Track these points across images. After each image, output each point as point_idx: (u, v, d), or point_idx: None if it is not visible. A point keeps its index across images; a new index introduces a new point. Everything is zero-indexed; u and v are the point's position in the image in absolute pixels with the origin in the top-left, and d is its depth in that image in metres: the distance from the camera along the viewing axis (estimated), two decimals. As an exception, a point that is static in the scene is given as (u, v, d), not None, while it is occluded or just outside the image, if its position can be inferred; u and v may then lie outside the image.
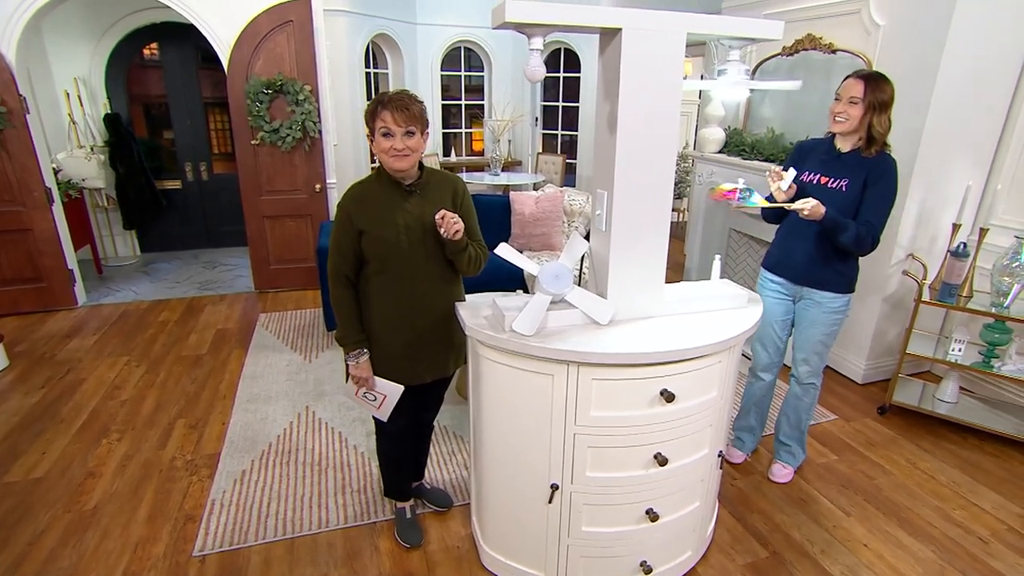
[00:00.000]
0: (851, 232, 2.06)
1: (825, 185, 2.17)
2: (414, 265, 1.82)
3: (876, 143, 2.08)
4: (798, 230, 2.25)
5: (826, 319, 2.27)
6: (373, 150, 1.77)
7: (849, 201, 2.11)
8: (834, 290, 2.23)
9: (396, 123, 1.68)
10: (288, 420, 2.94)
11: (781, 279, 2.35)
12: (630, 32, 1.57)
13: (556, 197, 4.29)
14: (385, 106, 1.69)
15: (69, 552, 2.10)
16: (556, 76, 7.26)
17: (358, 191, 1.83)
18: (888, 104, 2.05)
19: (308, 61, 4.30)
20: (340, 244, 1.81)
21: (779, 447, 2.59)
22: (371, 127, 1.74)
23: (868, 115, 2.04)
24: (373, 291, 1.85)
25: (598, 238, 1.85)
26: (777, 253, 2.37)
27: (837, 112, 2.10)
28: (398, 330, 1.88)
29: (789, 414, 2.50)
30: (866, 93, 2.02)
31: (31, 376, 3.36)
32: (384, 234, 1.78)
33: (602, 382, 1.64)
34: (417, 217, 1.81)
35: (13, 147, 3.92)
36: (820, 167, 2.21)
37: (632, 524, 1.83)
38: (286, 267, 4.78)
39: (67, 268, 4.30)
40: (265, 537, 2.18)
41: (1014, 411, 3.00)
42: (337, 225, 1.81)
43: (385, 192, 1.81)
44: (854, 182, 2.11)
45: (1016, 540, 2.25)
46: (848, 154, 2.16)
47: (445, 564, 2.08)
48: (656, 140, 1.70)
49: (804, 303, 2.33)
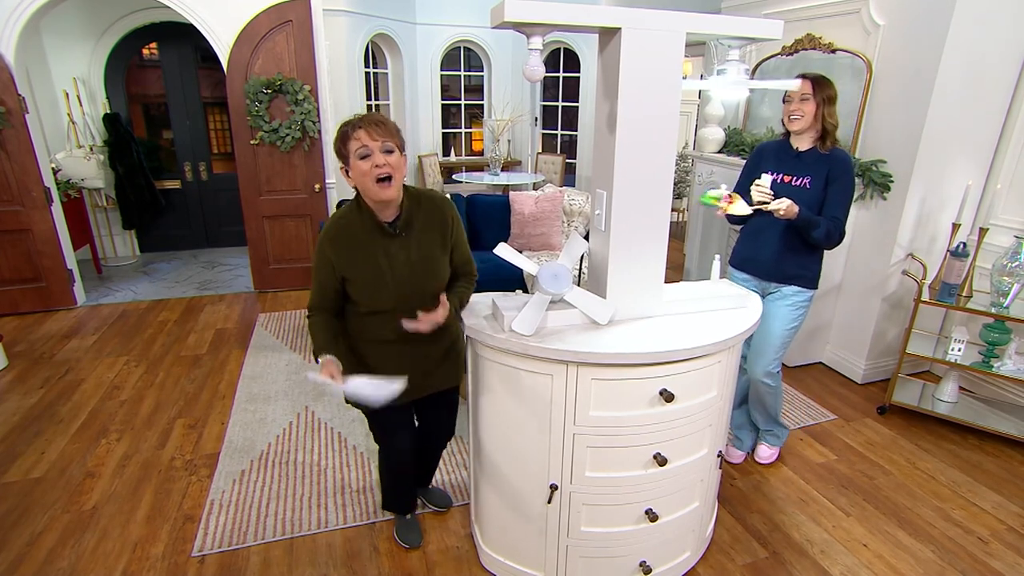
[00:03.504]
0: (822, 228, 2.19)
1: (789, 183, 2.29)
2: (406, 304, 1.68)
3: (830, 135, 2.22)
4: (765, 228, 2.33)
5: (788, 313, 2.35)
6: (352, 181, 1.61)
7: (813, 197, 2.24)
8: (800, 285, 2.34)
9: (372, 138, 1.53)
10: (287, 420, 2.93)
11: (749, 276, 2.43)
12: (629, 32, 1.57)
13: (555, 197, 4.29)
14: (356, 126, 1.55)
15: (68, 552, 2.10)
16: (556, 76, 7.27)
17: (336, 228, 1.67)
18: (834, 99, 2.20)
19: (307, 61, 4.29)
20: (322, 285, 1.69)
21: (762, 434, 2.68)
22: (344, 155, 1.58)
23: (820, 109, 2.18)
24: (363, 327, 1.76)
25: (597, 238, 1.85)
26: (744, 251, 2.45)
27: (792, 111, 2.23)
28: (393, 361, 1.78)
29: (759, 409, 2.58)
30: (815, 90, 2.17)
31: (30, 376, 3.36)
32: (368, 282, 1.66)
33: (601, 382, 1.64)
34: (404, 261, 1.68)
35: (12, 147, 3.91)
36: (781, 166, 2.32)
37: (631, 524, 1.83)
38: (285, 267, 4.78)
39: (66, 268, 4.29)
40: (264, 537, 2.18)
41: (1014, 411, 3.00)
42: (317, 266, 1.68)
43: (366, 234, 1.65)
44: (816, 179, 2.24)
45: (1016, 540, 2.25)
46: (806, 152, 2.28)
47: (444, 564, 2.08)
48: (655, 140, 1.70)
49: (771, 298, 2.40)
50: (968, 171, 3.09)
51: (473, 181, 6.36)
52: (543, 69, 1.59)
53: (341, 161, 1.63)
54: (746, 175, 2.43)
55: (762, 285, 2.42)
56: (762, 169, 2.34)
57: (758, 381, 2.45)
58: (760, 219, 2.31)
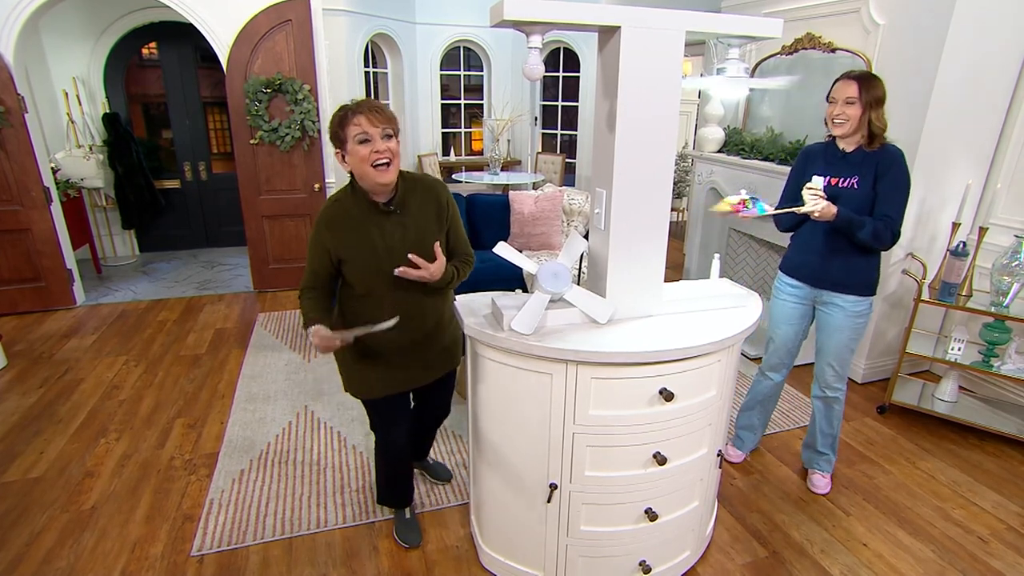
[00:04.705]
0: (867, 228, 2.06)
1: (836, 186, 2.17)
2: (400, 287, 1.73)
3: (877, 139, 2.09)
4: (814, 233, 2.24)
5: (850, 323, 2.24)
6: (348, 166, 1.63)
7: (862, 198, 2.11)
8: (856, 293, 2.21)
9: (372, 124, 1.57)
10: (287, 420, 2.93)
11: (799, 283, 2.33)
12: (629, 30, 1.56)
13: (555, 197, 4.29)
14: (356, 111, 1.58)
15: (67, 552, 2.10)
16: (556, 76, 7.27)
17: (331, 212, 1.70)
18: (882, 100, 2.06)
19: (307, 60, 4.29)
20: (316, 270, 1.73)
21: (816, 457, 2.51)
22: (341, 138, 1.60)
23: (867, 113, 2.05)
24: (358, 310, 1.78)
25: (597, 237, 1.85)
26: (795, 257, 2.34)
27: (835, 115, 2.10)
28: (388, 345, 1.82)
29: (823, 427, 2.44)
30: (861, 92, 2.04)
31: (29, 376, 3.36)
32: (364, 261, 1.69)
33: (601, 381, 1.63)
34: (399, 239, 1.71)
35: (11, 146, 3.91)
36: (827, 169, 2.20)
37: (631, 523, 1.82)
38: (285, 267, 4.78)
39: (65, 268, 4.29)
40: (263, 537, 2.18)
41: (1014, 410, 3.00)
42: (312, 250, 1.72)
43: (361, 213, 1.69)
44: (864, 179, 2.11)
45: (1016, 539, 2.25)
46: (853, 153, 2.15)
47: (444, 564, 2.07)
48: (655, 138, 1.70)
49: (827, 308, 2.29)
50: (968, 170, 3.09)
51: (473, 181, 6.35)
52: (542, 68, 1.58)
53: (336, 145, 1.64)
54: (794, 179, 2.30)
55: (813, 293, 2.32)
56: (811, 172, 2.19)
57: (830, 396, 2.37)
58: (810, 223, 2.21)
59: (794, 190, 2.24)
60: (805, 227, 2.28)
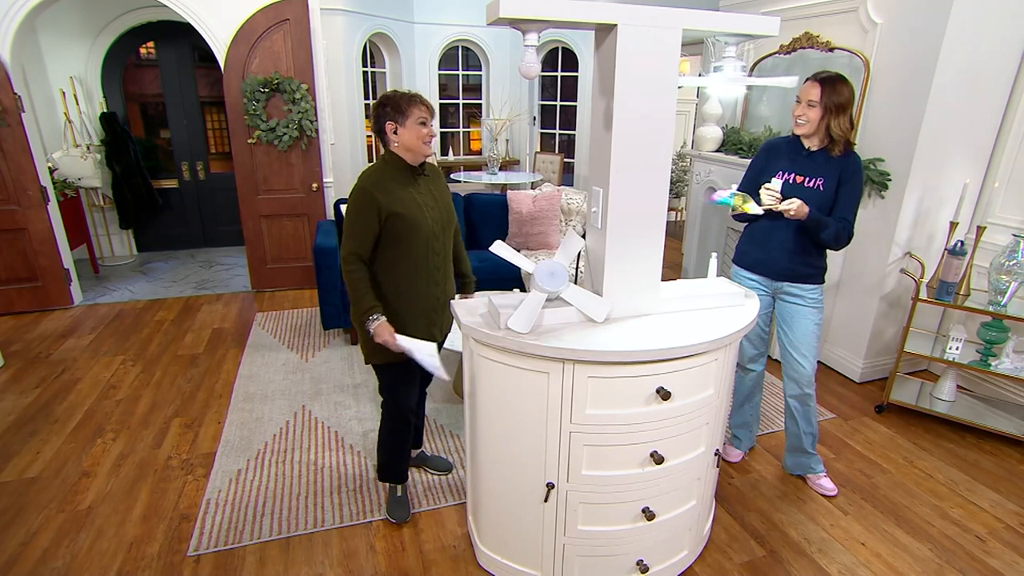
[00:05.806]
0: (831, 229, 2.15)
1: (801, 184, 2.22)
2: (433, 238, 1.99)
3: (837, 144, 2.14)
4: (775, 229, 2.28)
5: (813, 311, 2.32)
6: (398, 139, 1.91)
7: (826, 199, 2.19)
8: (813, 282, 2.31)
9: (429, 113, 1.94)
10: (284, 419, 2.93)
11: (759, 276, 2.38)
12: (626, 28, 1.56)
13: (553, 196, 4.28)
14: (417, 101, 1.92)
15: (63, 552, 2.09)
16: (554, 75, 7.26)
17: (375, 178, 1.93)
18: (846, 106, 2.09)
19: (305, 60, 4.29)
20: (362, 232, 1.90)
21: (807, 459, 2.50)
22: (405, 113, 1.89)
23: (826, 118, 2.10)
24: (387, 266, 1.97)
25: (594, 236, 1.84)
26: (754, 252, 2.37)
27: (797, 115, 2.16)
28: (411, 299, 2.01)
29: (805, 427, 2.44)
30: (823, 96, 2.07)
31: (26, 376, 3.35)
32: (412, 213, 1.93)
33: (598, 380, 1.63)
34: (428, 196, 2.01)
35: (8, 146, 3.90)
36: (793, 166, 2.25)
37: (628, 523, 1.82)
38: (283, 266, 4.77)
39: (63, 267, 4.28)
40: (260, 537, 2.17)
41: (1012, 409, 3.00)
42: (359, 213, 1.89)
43: (401, 176, 1.96)
44: (829, 181, 2.18)
45: (1014, 538, 2.25)
46: (817, 152, 2.21)
47: (441, 563, 2.07)
48: (652, 137, 1.69)
49: (787, 299, 2.35)
50: (966, 169, 3.09)
51: (471, 180, 6.35)
52: (538, 66, 1.58)
53: (390, 117, 1.90)
54: (754, 172, 2.35)
55: (773, 286, 2.37)
56: (774, 167, 2.27)
57: (793, 397, 2.39)
58: (769, 220, 2.25)
59: (752, 181, 2.32)
60: (763, 222, 2.31)
